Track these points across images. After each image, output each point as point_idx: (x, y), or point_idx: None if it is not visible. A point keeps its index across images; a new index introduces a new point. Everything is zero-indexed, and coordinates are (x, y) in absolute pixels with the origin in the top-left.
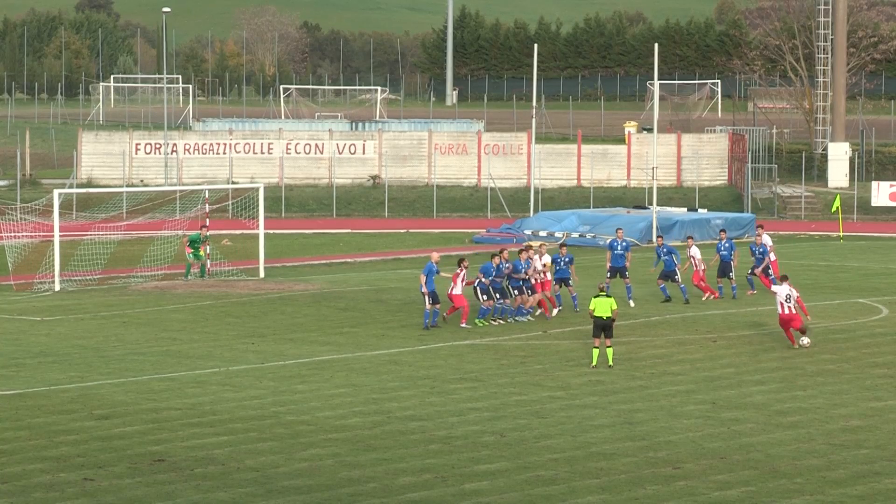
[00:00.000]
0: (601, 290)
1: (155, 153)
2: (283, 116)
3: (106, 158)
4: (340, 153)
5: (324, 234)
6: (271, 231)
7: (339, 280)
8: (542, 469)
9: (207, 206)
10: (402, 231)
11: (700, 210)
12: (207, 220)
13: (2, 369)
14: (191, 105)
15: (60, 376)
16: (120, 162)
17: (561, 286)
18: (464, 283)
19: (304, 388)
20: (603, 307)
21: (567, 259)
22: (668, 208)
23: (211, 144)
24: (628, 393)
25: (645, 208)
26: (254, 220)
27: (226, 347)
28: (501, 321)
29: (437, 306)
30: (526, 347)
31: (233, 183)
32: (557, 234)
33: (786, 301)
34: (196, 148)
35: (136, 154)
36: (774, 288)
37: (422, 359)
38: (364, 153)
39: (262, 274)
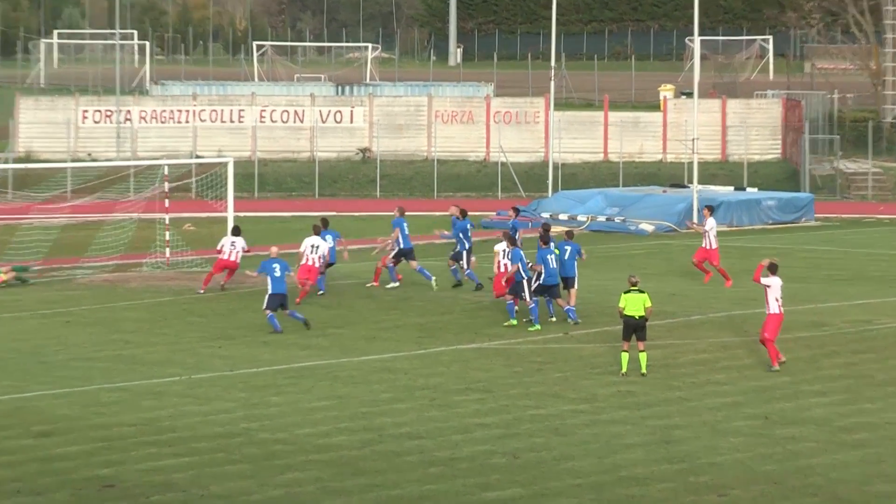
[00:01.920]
0: (632, 285)
1: (105, 122)
2: (256, 79)
3: (48, 128)
4: (324, 122)
5: (304, 218)
6: (242, 214)
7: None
8: (562, 497)
9: (167, 184)
10: (393, 212)
11: (749, 189)
12: (167, 200)
13: None
14: (148, 65)
15: None
16: (64, 132)
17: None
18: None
19: (280, 400)
20: (635, 304)
21: (572, 250)
22: (712, 187)
23: (171, 112)
24: (665, 406)
25: (684, 187)
26: (221, 201)
27: (188, 352)
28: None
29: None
30: (543, 352)
31: (197, 157)
32: (581, 218)
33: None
34: (154, 116)
35: (84, 123)
36: (766, 281)
37: (420, 365)
38: (352, 122)
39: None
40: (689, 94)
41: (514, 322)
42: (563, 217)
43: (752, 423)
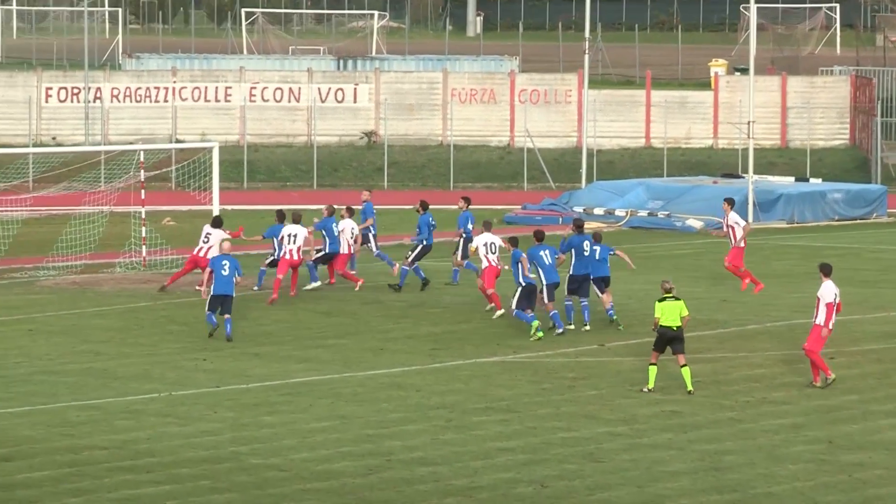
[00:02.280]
0: (666, 292)
1: (72, 101)
2: (245, 51)
3: (5, 108)
4: (323, 101)
5: (301, 211)
6: (229, 207)
7: (322, 274)
8: None
9: (142, 172)
10: (407, 207)
11: (812, 180)
12: (143, 191)
13: None
14: (120, 36)
15: None
16: (25, 113)
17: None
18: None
19: (273, 420)
20: (671, 314)
21: (602, 251)
22: (770, 177)
23: (147, 89)
24: (714, 428)
25: (738, 177)
26: (205, 192)
27: (168, 365)
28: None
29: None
30: (576, 366)
31: (177, 141)
32: (619, 212)
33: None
34: (127, 94)
35: (47, 102)
36: (823, 290)
37: (434, 381)
38: (355, 101)
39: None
40: (745, 71)
41: (541, 334)
42: (598, 211)
43: (814, 447)
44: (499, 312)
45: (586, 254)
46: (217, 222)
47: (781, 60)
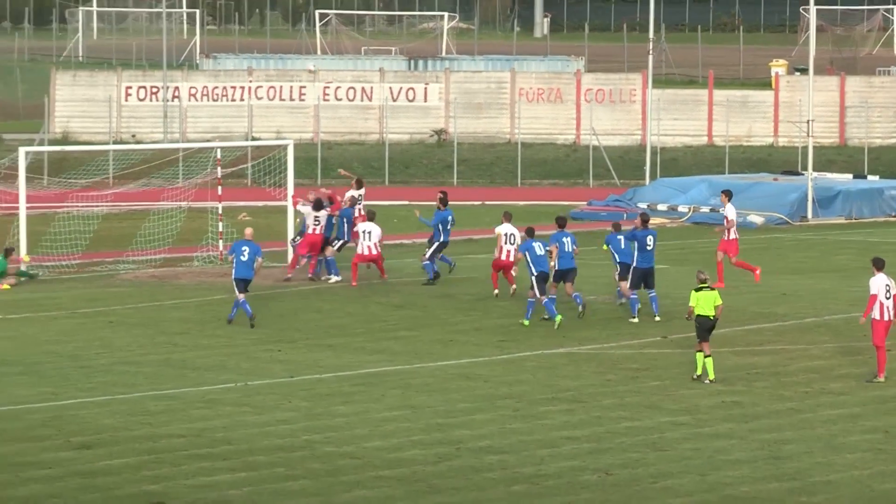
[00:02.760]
0: (701, 282)
1: (151, 100)
2: (319, 51)
3: (87, 107)
4: (395, 100)
5: (373, 207)
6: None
7: (393, 268)
8: None
9: (219, 169)
10: (475, 203)
11: (870, 177)
12: (220, 187)
13: None
14: (198, 36)
15: (28, 392)
16: (105, 111)
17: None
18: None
19: (346, 410)
20: (706, 304)
21: (651, 236)
22: (828, 174)
23: (224, 89)
24: (774, 418)
25: (798, 174)
26: (280, 189)
27: (243, 356)
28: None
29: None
30: (639, 357)
31: (253, 139)
32: (682, 208)
33: (886, 299)
34: (205, 93)
35: (127, 101)
36: (872, 283)
37: (502, 372)
38: (426, 100)
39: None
40: (804, 71)
41: (527, 322)
42: (661, 207)
43: (871, 437)
44: (496, 291)
45: (649, 248)
46: (319, 205)
47: (840, 61)
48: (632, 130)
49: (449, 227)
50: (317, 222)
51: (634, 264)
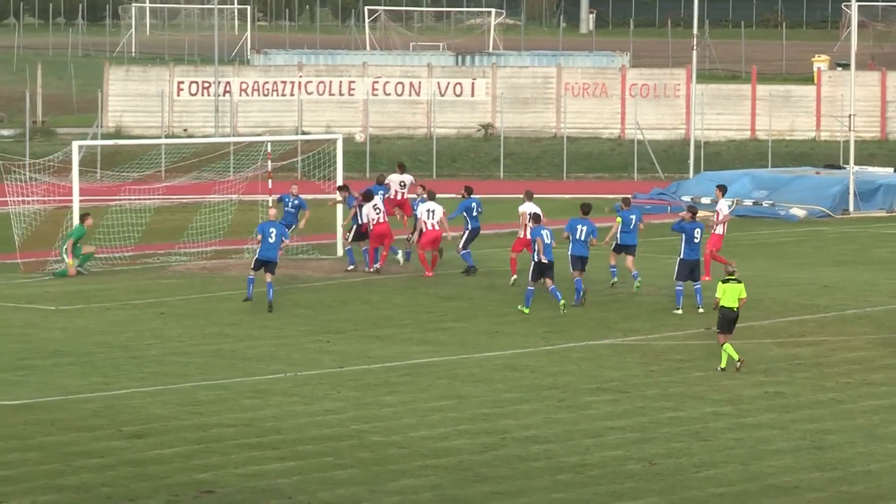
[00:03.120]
0: (729, 274)
1: (202, 94)
2: (368, 47)
3: (140, 101)
4: (442, 95)
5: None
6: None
7: (440, 260)
8: None
9: (270, 162)
10: (521, 196)
11: None
12: (270, 180)
13: (6, 373)
14: (249, 32)
15: (80, 382)
16: (157, 106)
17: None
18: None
19: (394, 399)
20: (731, 295)
21: (698, 229)
22: (870, 168)
23: (274, 83)
24: (816, 409)
25: (839, 168)
26: (330, 182)
27: (293, 347)
28: None
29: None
30: (683, 349)
31: (303, 133)
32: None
33: None
34: (255, 88)
35: (179, 96)
36: None
37: (547, 363)
38: (473, 95)
39: (340, 251)
40: (846, 66)
41: (527, 310)
42: (705, 200)
43: None
44: (513, 278)
45: (696, 241)
46: (368, 196)
47: (881, 56)
48: (676, 125)
49: (475, 214)
50: (377, 211)
51: (682, 256)
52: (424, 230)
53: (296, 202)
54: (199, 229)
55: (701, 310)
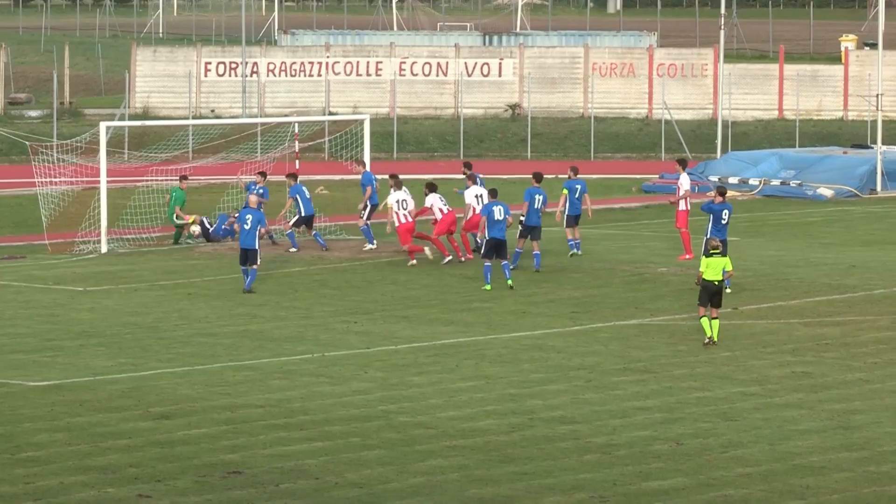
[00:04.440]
0: (713, 248)
1: (230, 75)
2: (395, 27)
3: (167, 82)
4: (470, 75)
5: (447, 180)
6: (380, 176)
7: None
8: (730, 487)
9: (297, 143)
10: (549, 177)
11: None
12: (297, 161)
13: (34, 354)
14: (276, 13)
15: (108, 363)
16: (185, 86)
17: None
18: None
19: (421, 380)
20: (715, 269)
21: (726, 210)
22: None
23: (302, 64)
24: (843, 388)
25: (867, 148)
26: (357, 162)
27: (321, 327)
28: None
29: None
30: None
31: (330, 113)
32: (753, 181)
33: None
34: (283, 68)
35: (206, 76)
36: None
37: (574, 343)
38: (500, 75)
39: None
40: (874, 46)
41: (489, 287)
42: (732, 181)
43: None
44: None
45: (723, 221)
46: (433, 187)
47: None
48: (703, 105)
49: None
50: (443, 202)
51: (707, 236)
52: (442, 216)
53: (260, 191)
54: (227, 210)
55: (728, 290)
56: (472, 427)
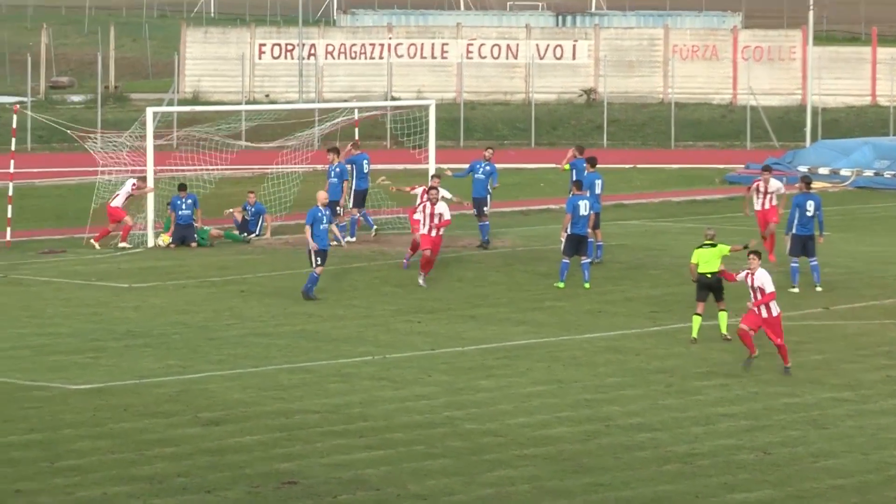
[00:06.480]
0: (708, 238)
1: (285, 58)
2: (462, 7)
3: (218, 65)
4: (542, 58)
5: (519, 171)
6: (446, 165)
7: (539, 234)
8: (820, 499)
9: (357, 130)
10: (626, 166)
11: None
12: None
13: (75, 355)
14: None
15: (155, 365)
16: (237, 70)
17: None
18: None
19: (489, 384)
20: (708, 260)
21: (811, 201)
22: None
23: (362, 46)
24: None
25: None
26: (422, 150)
27: (381, 328)
28: None
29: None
30: (800, 330)
31: (392, 98)
32: (844, 172)
33: None
34: (342, 51)
35: (260, 59)
36: None
37: (654, 345)
38: (574, 58)
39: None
40: None
41: (562, 285)
42: (823, 171)
43: None
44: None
45: (809, 214)
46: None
47: None
48: (791, 90)
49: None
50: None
51: (793, 231)
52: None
53: (253, 210)
54: (283, 201)
55: (819, 288)
56: (543, 435)
